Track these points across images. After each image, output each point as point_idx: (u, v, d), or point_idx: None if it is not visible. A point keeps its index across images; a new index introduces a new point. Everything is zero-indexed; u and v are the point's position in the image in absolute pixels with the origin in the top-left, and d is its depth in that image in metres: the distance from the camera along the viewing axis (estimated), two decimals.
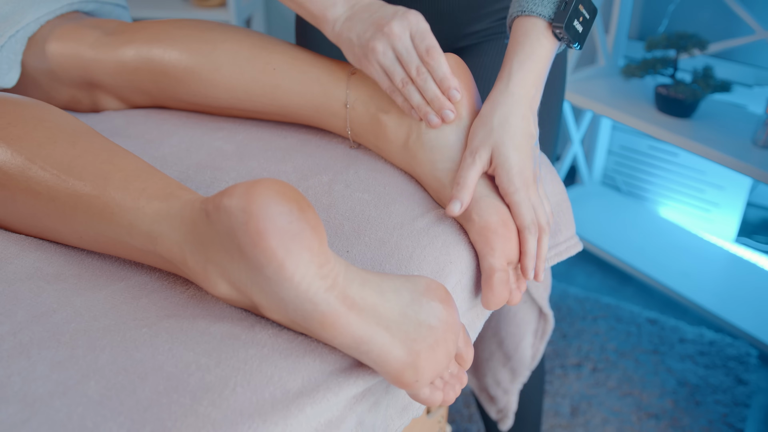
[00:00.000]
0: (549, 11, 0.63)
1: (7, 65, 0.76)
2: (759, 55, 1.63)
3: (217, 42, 0.73)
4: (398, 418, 0.55)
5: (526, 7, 0.63)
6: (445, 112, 0.62)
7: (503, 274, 0.58)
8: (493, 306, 0.58)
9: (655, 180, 1.90)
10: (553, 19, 0.63)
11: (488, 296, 0.58)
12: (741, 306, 1.58)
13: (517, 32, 0.64)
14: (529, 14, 0.63)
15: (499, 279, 0.58)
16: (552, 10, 0.63)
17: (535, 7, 0.63)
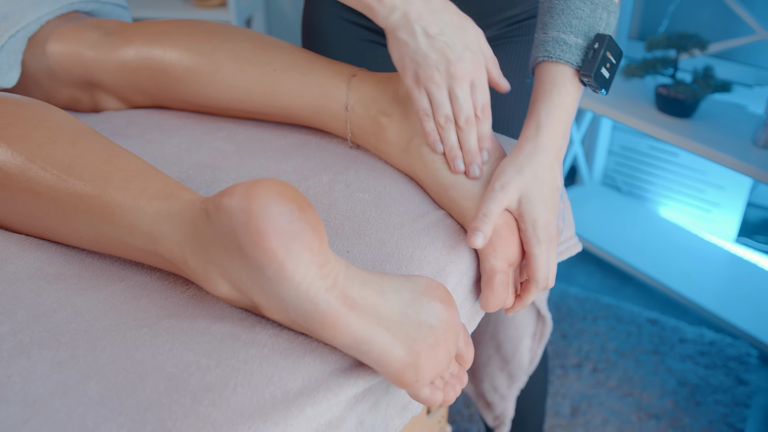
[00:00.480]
0: (576, 58, 0.61)
1: (7, 65, 0.76)
2: (759, 55, 1.63)
3: (217, 42, 0.73)
4: (398, 418, 0.55)
5: (552, 52, 0.61)
6: (473, 167, 0.61)
7: (504, 276, 0.58)
8: (491, 308, 0.58)
9: (656, 180, 1.90)
10: (581, 68, 0.61)
11: (488, 297, 0.58)
12: (741, 306, 1.58)
13: (543, 78, 0.62)
14: (556, 60, 0.61)
15: (500, 281, 0.58)
16: (579, 57, 0.61)
17: (562, 53, 0.61)
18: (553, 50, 0.61)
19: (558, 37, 0.61)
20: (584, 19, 0.61)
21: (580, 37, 0.61)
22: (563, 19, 0.61)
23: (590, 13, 0.61)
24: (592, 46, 0.61)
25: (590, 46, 0.61)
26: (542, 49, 0.62)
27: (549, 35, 0.62)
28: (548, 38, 0.62)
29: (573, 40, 0.61)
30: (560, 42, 0.61)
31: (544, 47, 0.62)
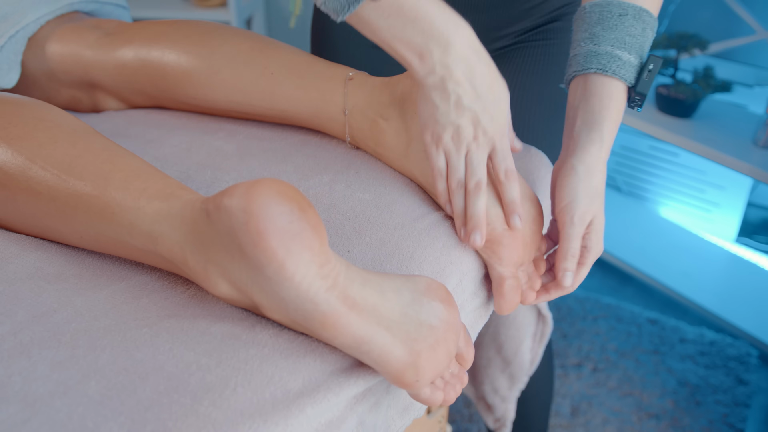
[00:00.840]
0: (630, 76, 0.60)
1: (7, 66, 0.76)
2: (759, 55, 1.63)
3: (214, 45, 0.73)
4: (399, 419, 0.55)
5: (608, 67, 0.60)
6: (475, 235, 0.59)
7: (513, 281, 0.59)
8: (506, 311, 0.59)
9: (656, 180, 1.90)
10: (636, 87, 0.61)
11: (500, 303, 0.59)
12: (741, 306, 1.58)
13: (598, 91, 0.61)
14: (611, 75, 0.60)
15: (510, 286, 0.59)
16: (632, 75, 0.61)
17: (618, 69, 0.60)
18: (608, 64, 0.60)
19: (612, 52, 0.60)
20: (636, 37, 0.61)
21: (633, 54, 0.61)
22: (616, 34, 0.60)
23: (641, 32, 0.61)
24: (647, 66, 0.61)
25: (644, 66, 0.61)
26: (595, 61, 0.61)
27: (601, 48, 0.61)
28: (600, 51, 0.61)
29: (627, 57, 0.60)
30: (615, 57, 0.60)
31: (597, 59, 0.60)
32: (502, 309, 0.59)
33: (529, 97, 0.82)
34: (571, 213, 0.59)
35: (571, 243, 0.60)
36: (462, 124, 0.56)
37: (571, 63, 0.64)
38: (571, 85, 0.64)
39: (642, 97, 0.61)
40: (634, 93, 0.61)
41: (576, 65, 0.62)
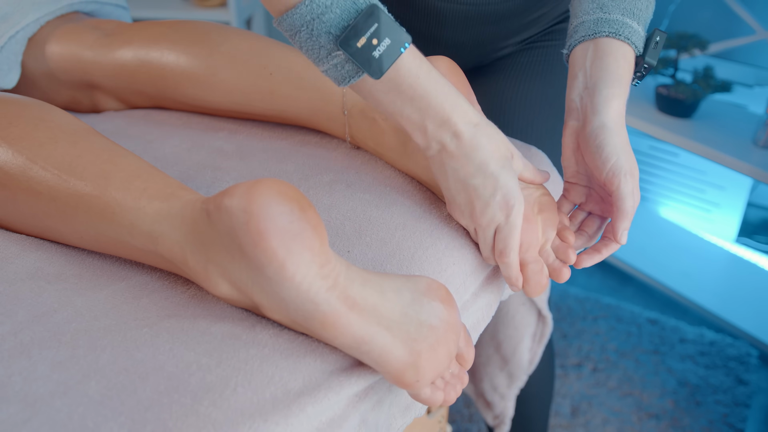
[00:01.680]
0: (639, 45, 0.61)
1: (7, 66, 0.76)
2: (759, 55, 1.63)
3: (213, 45, 0.73)
4: (401, 417, 0.55)
5: (621, 32, 0.60)
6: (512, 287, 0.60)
7: (536, 265, 0.58)
8: (536, 294, 0.59)
9: (656, 180, 1.90)
10: (645, 56, 0.61)
11: (527, 289, 0.59)
12: (741, 306, 1.58)
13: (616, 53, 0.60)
14: (623, 40, 0.60)
15: (533, 270, 0.58)
16: (641, 44, 0.61)
17: (630, 35, 0.60)
18: (621, 30, 0.60)
19: (623, 20, 0.60)
20: (642, 11, 0.62)
21: (641, 26, 0.61)
22: (626, 5, 0.61)
23: (646, 8, 0.62)
24: (653, 38, 0.62)
25: (651, 38, 0.62)
26: (607, 26, 0.60)
27: (612, 16, 0.61)
28: (611, 18, 0.61)
29: (636, 27, 0.61)
30: (625, 24, 0.60)
31: (609, 25, 0.60)
32: (531, 293, 0.59)
33: (533, 96, 0.83)
34: (620, 172, 0.58)
35: (628, 202, 0.58)
36: (461, 199, 0.57)
37: (576, 30, 0.63)
38: (577, 49, 0.62)
39: (648, 67, 0.62)
40: (642, 62, 0.61)
41: (584, 30, 0.62)
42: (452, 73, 0.64)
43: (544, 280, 0.59)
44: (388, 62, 0.50)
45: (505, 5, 0.80)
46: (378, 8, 0.49)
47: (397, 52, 0.50)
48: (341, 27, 0.49)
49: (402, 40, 0.50)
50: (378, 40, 0.49)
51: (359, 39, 0.49)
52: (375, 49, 0.49)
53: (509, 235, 0.56)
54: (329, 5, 0.48)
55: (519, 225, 0.56)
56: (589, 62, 0.61)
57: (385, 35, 0.49)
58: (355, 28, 0.49)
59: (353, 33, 0.49)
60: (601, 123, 0.58)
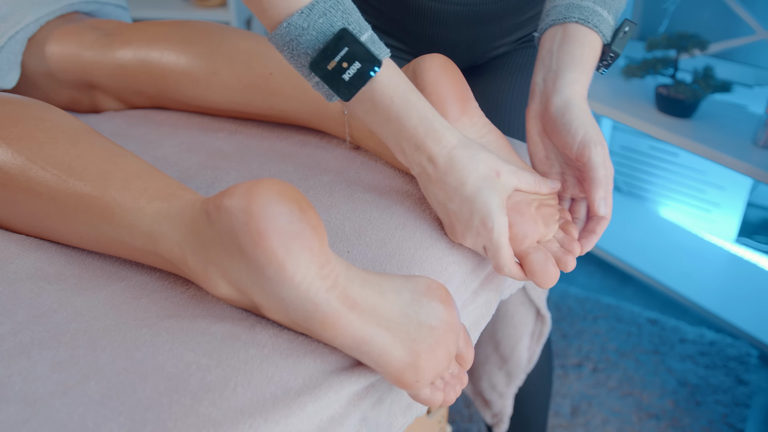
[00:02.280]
0: (607, 33, 0.62)
1: (7, 66, 0.76)
2: (759, 56, 1.63)
3: (214, 45, 0.73)
4: (402, 416, 0.55)
5: (590, 19, 0.61)
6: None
7: (537, 255, 0.56)
8: (548, 285, 0.57)
9: (656, 180, 1.90)
10: (612, 45, 0.62)
11: (536, 280, 0.56)
12: (741, 306, 1.58)
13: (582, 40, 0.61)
14: (591, 28, 0.61)
15: (536, 261, 0.56)
16: (609, 33, 0.62)
17: (599, 23, 0.61)
18: (590, 17, 0.61)
19: (593, 8, 0.61)
20: (615, 1, 0.62)
21: (611, 15, 0.62)
22: None
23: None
24: (622, 28, 0.62)
25: (620, 27, 0.62)
26: (577, 11, 0.61)
27: (583, 2, 0.61)
28: (583, 4, 0.61)
29: (606, 15, 0.62)
30: (596, 12, 0.61)
31: (580, 11, 0.61)
32: (541, 284, 0.56)
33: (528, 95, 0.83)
34: (590, 143, 0.58)
35: (600, 171, 0.58)
36: (445, 220, 0.58)
37: (548, 14, 0.64)
38: (547, 33, 0.63)
39: (614, 56, 0.62)
40: (609, 51, 0.63)
41: (555, 14, 0.63)
42: (447, 70, 0.64)
43: (552, 269, 0.56)
44: (358, 86, 0.52)
45: (499, 5, 0.80)
46: (348, 33, 0.50)
47: (367, 76, 0.52)
48: (317, 49, 0.51)
49: (372, 64, 0.51)
50: (348, 63, 0.51)
51: (329, 62, 0.51)
52: (345, 72, 0.51)
53: (497, 255, 0.56)
54: (306, 27, 0.50)
55: (503, 244, 0.55)
56: (556, 46, 0.62)
57: (354, 59, 0.51)
58: (325, 51, 0.50)
59: (323, 56, 0.50)
60: (565, 100, 0.59)
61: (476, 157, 0.55)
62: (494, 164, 0.55)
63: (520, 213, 0.57)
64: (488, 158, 0.55)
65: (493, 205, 0.54)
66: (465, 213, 0.55)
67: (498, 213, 0.54)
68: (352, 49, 0.51)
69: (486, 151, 0.56)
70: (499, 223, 0.54)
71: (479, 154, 0.55)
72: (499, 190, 0.55)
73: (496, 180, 0.55)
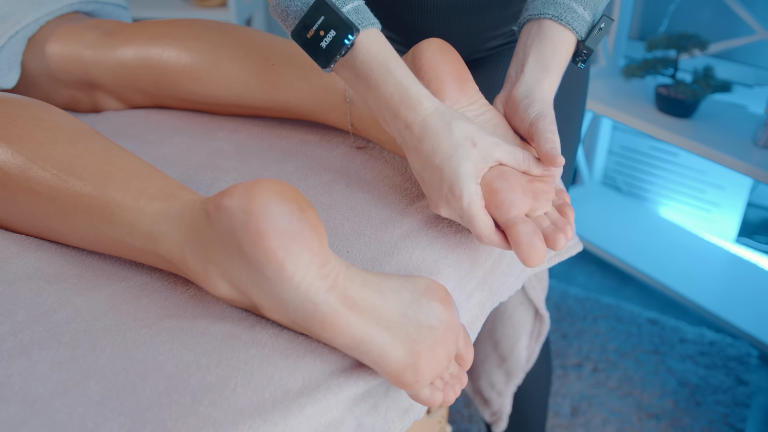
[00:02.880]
0: (581, 30, 0.63)
1: (7, 66, 0.76)
2: (759, 56, 1.63)
3: (215, 40, 0.73)
4: (399, 421, 0.55)
5: (563, 16, 0.62)
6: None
7: (524, 227, 0.53)
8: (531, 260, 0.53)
9: (656, 180, 1.90)
10: (585, 41, 0.63)
11: (520, 253, 0.53)
12: (741, 306, 1.58)
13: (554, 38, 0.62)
14: (564, 25, 0.62)
15: (524, 231, 0.53)
16: (584, 30, 0.63)
17: (572, 20, 0.62)
18: (564, 14, 0.62)
19: (569, 4, 0.62)
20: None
21: (588, 11, 0.63)
22: None
23: None
24: (598, 24, 0.63)
25: (596, 24, 0.63)
26: (552, 8, 0.62)
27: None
28: (559, 1, 0.62)
29: (581, 12, 0.62)
30: (571, 9, 0.62)
31: (555, 7, 0.62)
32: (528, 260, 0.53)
33: None
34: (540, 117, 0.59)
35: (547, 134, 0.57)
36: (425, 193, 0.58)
37: (527, 7, 0.65)
38: (524, 27, 0.65)
39: (589, 52, 0.64)
40: (583, 47, 0.64)
41: (533, 9, 0.64)
42: (444, 51, 0.64)
43: (539, 244, 0.53)
44: (334, 52, 0.53)
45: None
46: (323, 2, 0.53)
47: (341, 43, 0.53)
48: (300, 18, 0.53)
49: (346, 32, 0.53)
50: (324, 32, 0.53)
51: (308, 30, 0.53)
52: (322, 40, 0.53)
53: (471, 223, 0.55)
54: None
55: (474, 213, 0.54)
56: (530, 41, 0.63)
57: (330, 27, 0.53)
58: (303, 20, 0.53)
59: (302, 25, 0.53)
60: (528, 89, 0.61)
61: (451, 125, 0.54)
62: (471, 134, 0.54)
63: (507, 181, 0.55)
64: (466, 127, 0.54)
65: (461, 173, 0.53)
66: (436, 181, 0.55)
67: (467, 180, 0.53)
68: (328, 17, 0.53)
69: (467, 121, 0.55)
70: (468, 191, 0.53)
71: (456, 122, 0.54)
72: (472, 158, 0.54)
73: (471, 149, 0.54)
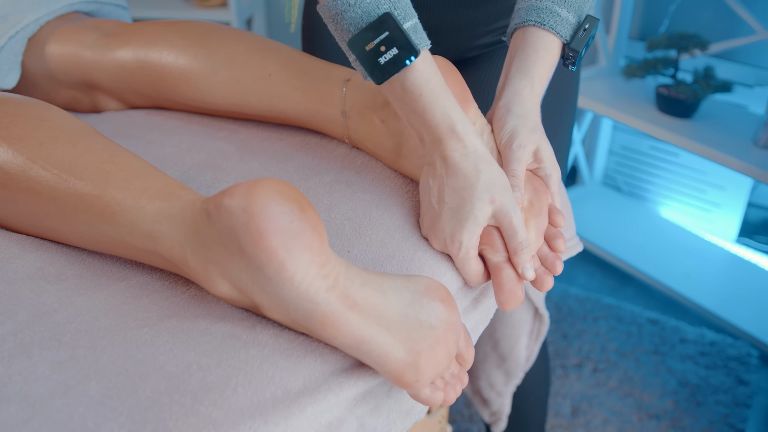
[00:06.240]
0: (566, 33, 0.63)
1: (7, 66, 0.76)
2: (760, 56, 1.63)
3: (213, 46, 0.73)
4: (401, 422, 0.55)
5: (546, 21, 0.62)
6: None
7: (510, 273, 0.55)
8: (508, 306, 0.55)
9: (656, 180, 1.90)
10: (570, 44, 0.63)
11: (499, 296, 0.55)
12: (742, 306, 1.58)
13: (537, 44, 0.63)
14: (547, 30, 0.62)
15: (508, 276, 0.55)
16: (569, 33, 0.63)
17: (555, 24, 0.62)
18: (547, 19, 0.62)
19: (552, 8, 0.62)
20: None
21: (571, 13, 0.63)
22: None
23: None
24: (582, 26, 0.63)
25: (581, 25, 0.64)
26: (534, 14, 0.63)
27: (542, 3, 0.63)
28: (541, 6, 0.63)
29: (565, 15, 0.63)
30: (554, 13, 0.62)
31: (537, 13, 0.63)
32: (504, 304, 0.55)
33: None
34: (511, 143, 0.60)
35: (512, 165, 0.59)
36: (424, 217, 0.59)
37: (513, 17, 0.66)
38: (512, 37, 0.66)
39: (575, 54, 0.63)
40: (569, 49, 0.64)
41: (517, 18, 0.65)
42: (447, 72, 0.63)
43: (518, 290, 0.56)
44: (391, 71, 0.52)
45: None
46: (391, 17, 0.51)
47: (402, 64, 0.52)
48: (358, 28, 0.51)
49: (410, 53, 0.52)
50: (386, 48, 0.51)
51: (368, 43, 0.51)
52: (381, 56, 0.51)
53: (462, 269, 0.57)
54: (352, 5, 0.51)
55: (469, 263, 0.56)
56: (514, 52, 0.64)
57: (393, 45, 0.51)
58: (365, 31, 0.51)
59: (363, 36, 0.51)
60: (506, 106, 0.61)
61: (480, 176, 0.55)
62: (493, 188, 0.55)
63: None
64: (490, 179, 0.55)
65: (466, 228, 0.55)
66: (442, 219, 0.56)
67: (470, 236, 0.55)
68: (393, 34, 0.51)
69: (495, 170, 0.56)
70: (466, 245, 0.56)
71: (484, 172, 0.55)
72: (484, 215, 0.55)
73: (487, 206, 0.55)
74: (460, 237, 0.55)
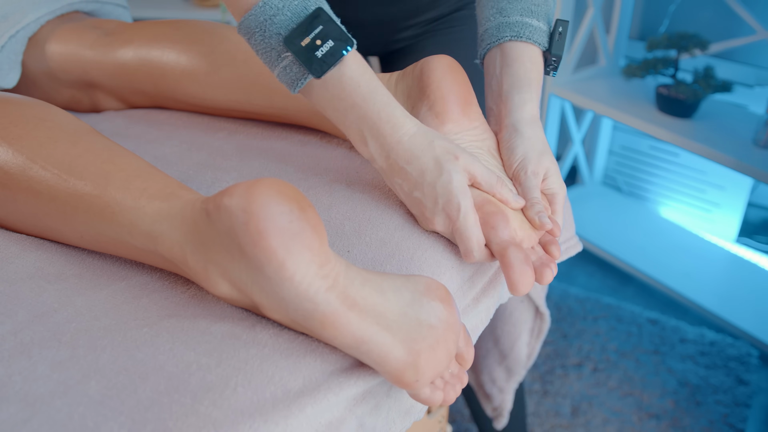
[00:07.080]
0: (543, 41, 0.64)
1: (7, 66, 0.76)
2: (760, 56, 1.63)
3: (214, 43, 0.73)
4: (401, 421, 0.55)
5: (522, 33, 0.63)
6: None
7: (519, 252, 0.53)
8: (521, 286, 0.53)
9: (656, 180, 1.90)
10: (551, 50, 0.64)
11: (510, 276, 0.53)
12: (742, 306, 1.58)
13: (522, 57, 0.63)
14: (525, 41, 0.63)
15: (515, 255, 0.53)
16: (545, 40, 0.64)
17: (531, 35, 0.63)
18: (522, 31, 0.63)
19: (522, 20, 0.63)
20: (541, 5, 0.65)
21: (542, 21, 0.64)
22: (522, 5, 0.64)
23: (544, 2, 0.65)
24: (556, 30, 0.64)
25: (554, 30, 0.64)
26: (508, 30, 0.64)
27: (511, 18, 0.64)
28: (511, 21, 0.64)
29: (536, 24, 0.64)
30: (526, 25, 0.63)
31: (510, 28, 0.63)
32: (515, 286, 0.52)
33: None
34: (525, 169, 0.61)
35: (532, 193, 0.60)
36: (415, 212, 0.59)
37: (482, 38, 0.66)
38: (487, 57, 0.66)
39: (557, 59, 0.64)
40: (550, 56, 0.64)
41: (489, 38, 0.65)
42: (453, 71, 0.64)
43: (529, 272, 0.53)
44: (330, 63, 0.53)
45: None
46: (323, 12, 0.52)
47: (339, 54, 0.53)
48: (290, 29, 0.52)
49: (345, 43, 0.53)
50: (321, 41, 0.52)
51: (303, 38, 0.52)
52: (318, 49, 0.52)
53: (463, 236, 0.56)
54: (281, 8, 0.52)
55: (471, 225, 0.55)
56: (498, 69, 0.64)
57: (328, 37, 0.52)
58: (300, 27, 0.52)
59: (298, 32, 0.52)
60: (513, 127, 0.62)
61: (434, 143, 0.56)
62: (451, 149, 0.56)
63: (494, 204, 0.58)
64: (445, 144, 0.56)
65: (454, 187, 0.55)
66: (429, 199, 0.56)
67: (461, 193, 0.55)
68: (327, 27, 0.52)
69: (443, 138, 0.57)
70: (465, 204, 0.55)
71: (436, 140, 0.56)
72: (459, 171, 0.56)
73: (455, 162, 0.56)
74: (456, 200, 0.55)
